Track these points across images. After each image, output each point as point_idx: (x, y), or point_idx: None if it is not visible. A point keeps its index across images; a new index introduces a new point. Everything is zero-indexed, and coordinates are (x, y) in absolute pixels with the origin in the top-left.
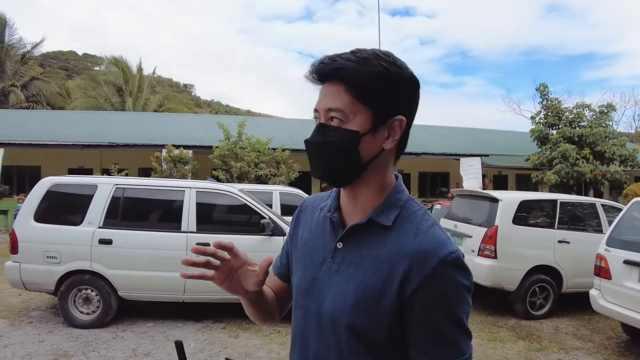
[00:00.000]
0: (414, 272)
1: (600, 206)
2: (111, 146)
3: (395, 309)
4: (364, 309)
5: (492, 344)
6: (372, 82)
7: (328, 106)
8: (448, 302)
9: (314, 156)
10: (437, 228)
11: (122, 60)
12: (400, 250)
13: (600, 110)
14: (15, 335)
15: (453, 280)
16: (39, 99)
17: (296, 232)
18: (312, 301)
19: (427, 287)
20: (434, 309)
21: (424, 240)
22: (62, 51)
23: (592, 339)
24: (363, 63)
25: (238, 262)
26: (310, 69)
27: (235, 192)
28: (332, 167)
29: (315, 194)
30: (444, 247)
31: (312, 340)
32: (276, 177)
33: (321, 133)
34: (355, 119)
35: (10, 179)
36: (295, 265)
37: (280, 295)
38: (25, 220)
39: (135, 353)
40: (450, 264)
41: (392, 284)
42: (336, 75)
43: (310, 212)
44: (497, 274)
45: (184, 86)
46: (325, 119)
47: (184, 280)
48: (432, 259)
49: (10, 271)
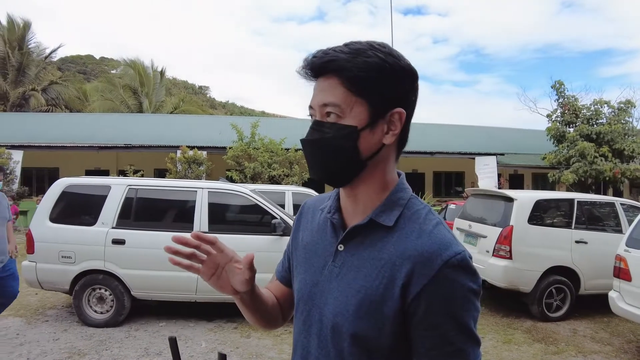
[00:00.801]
0: (416, 275)
1: (620, 205)
2: (127, 147)
3: (398, 314)
4: (366, 314)
5: (507, 347)
6: (367, 74)
7: (323, 101)
8: (453, 307)
9: (311, 155)
10: (441, 228)
11: (138, 62)
12: (402, 252)
13: (619, 107)
14: (31, 333)
15: (459, 283)
16: (57, 102)
17: (297, 234)
18: (313, 306)
19: (430, 291)
20: (438, 314)
21: (427, 241)
22: (80, 55)
23: (611, 342)
24: (357, 54)
25: (224, 257)
26: (303, 64)
27: (246, 193)
28: (330, 165)
29: (318, 195)
30: (448, 248)
31: (313, 348)
32: (289, 178)
33: (317, 130)
34: (352, 113)
35: (29, 180)
36: (296, 269)
37: (283, 300)
38: (41, 220)
39: (148, 352)
40: (455, 266)
41: (393, 288)
42: (329, 69)
43: (311, 214)
44: (512, 274)
45: (199, 88)
46: (321, 115)
47: (195, 280)
48: (435, 260)
49: (26, 271)
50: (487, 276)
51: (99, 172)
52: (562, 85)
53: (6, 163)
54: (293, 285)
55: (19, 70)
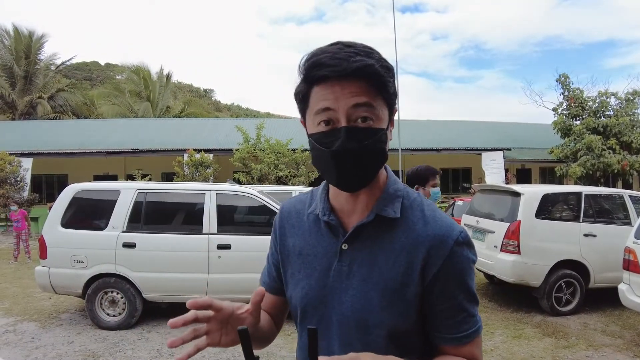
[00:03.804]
0: (433, 257)
1: (628, 197)
2: (134, 152)
3: (418, 297)
4: (390, 303)
5: (517, 341)
6: (385, 75)
7: (356, 103)
8: (463, 278)
9: (347, 164)
10: (439, 212)
11: (143, 68)
12: (415, 239)
13: (627, 98)
14: (46, 337)
15: (465, 257)
16: (65, 109)
17: (284, 241)
18: (327, 309)
19: (446, 268)
20: (453, 285)
21: (435, 226)
22: (86, 62)
23: (622, 335)
24: (370, 55)
25: (225, 313)
26: (327, 70)
27: (254, 194)
28: (367, 173)
29: (292, 198)
30: (453, 229)
31: (336, 348)
32: (296, 178)
33: (353, 139)
34: (381, 115)
35: (39, 186)
36: (293, 278)
37: (274, 312)
38: (53, 226)
39: (160, 353)
40: (462, 243)
41: (413, 273)
42: (365, 72)
43: (295, 218)
44: (521, 269)
45: (204, 91)
46: (348, 120)
47: (206, 280)
48: (447, 241)
49: (40, 275)
50: (496, 271)
51: (108, 177)
52: (567, 78)
53: (16, 171)
54: (288, 293)
55: (26, 79)
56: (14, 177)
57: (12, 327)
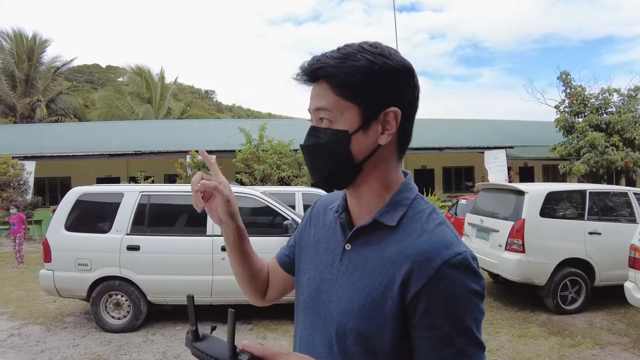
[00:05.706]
0: (415, 274)
1: (633, 195)
2: (137, 154)
3: (398, 313)
4: (369, 313)
5: (522, 340)
6: (355, 77)
7: (315, 106)
8: (454, 308)
9: (308, 160)
10: (444, 227)
11: (144, 70)
12: (402, 251)
13: (629, 94)
14: (51, 340)
15: (459, 283)
16: (66, 112)
17: (308, 230)
18: (320, 303)
19: (429, 291)
20: (438, 314)
21: (427, 240)
22: (87, 64)
23: (628, 333)
24: (345, 59)
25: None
26: (298, 71)
27: (257, 195)
28: (324, 170)
29: (330, 193)
30: (449, 248)
31: (318, 344)
32: (298, 179)
33: (313, 136)
34: (343, 118)
35: (42, 189)
36: (305, 265)
37: (273, 277)
38: (57, 229)
39: (166, 356)
40: (455, 266)
41: (393, 287)
42: (319, 75)
43: (322, 211)
44: (525, 268)
45: (205, 92)
46: (316, 120)
47: (210, 283)
48: (435, 260)
49: (44, 279)
50: (501, 270)
51: (110, 180)
52: (569, 75)
53: (20, 174)
54: (297, 276)
55: (27, 82)
56: (17, 180)
57: (17, 331)
